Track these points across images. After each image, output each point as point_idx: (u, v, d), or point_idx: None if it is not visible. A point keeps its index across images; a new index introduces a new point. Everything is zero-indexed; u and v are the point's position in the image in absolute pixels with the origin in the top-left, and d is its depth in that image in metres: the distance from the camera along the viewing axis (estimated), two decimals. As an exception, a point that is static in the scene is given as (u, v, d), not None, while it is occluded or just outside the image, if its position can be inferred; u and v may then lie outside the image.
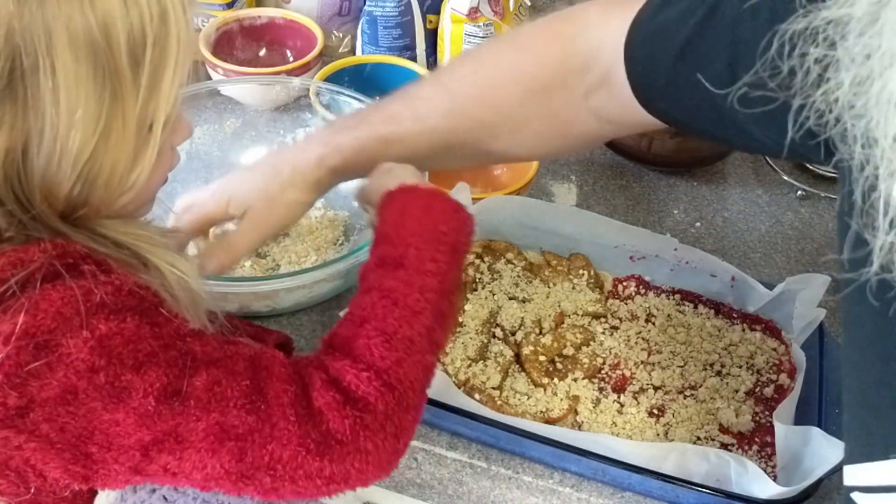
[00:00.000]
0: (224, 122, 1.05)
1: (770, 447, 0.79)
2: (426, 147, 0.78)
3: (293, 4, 1.25)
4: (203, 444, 0.53)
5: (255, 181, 0.78)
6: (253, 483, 0.55)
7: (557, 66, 0.73)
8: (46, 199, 0.54)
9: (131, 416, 0.52)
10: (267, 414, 0.54)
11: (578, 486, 0.79)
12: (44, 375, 0.50)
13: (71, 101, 0.51)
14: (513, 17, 1.12)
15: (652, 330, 0.89)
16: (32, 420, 0.51)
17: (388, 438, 0.57)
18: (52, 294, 0.51)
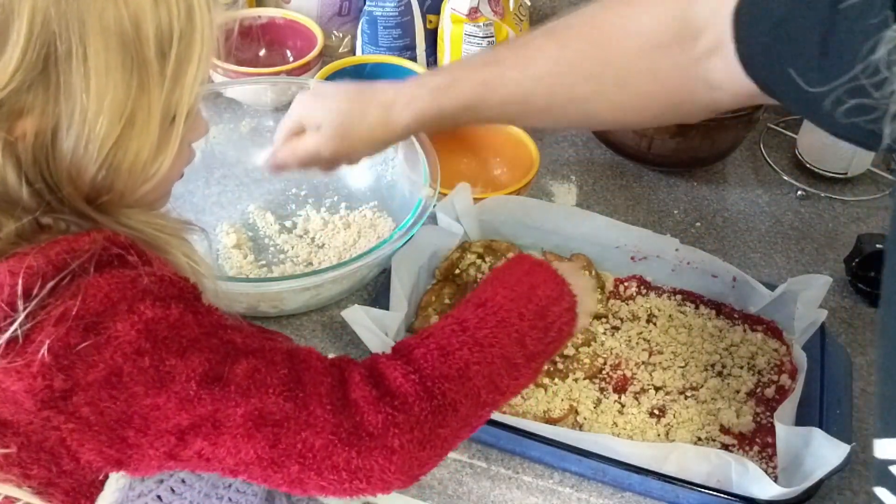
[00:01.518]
0: (226, 123, 1.05)
1: (771, 448, 0.79)
2: (527, 95, 0.76)
3: (293, 4, 1.25)
4: (240, 430, 0.54)
5: (342, 100, 0.81)
6: (281, 471, 0.56)
7: (673, 24, 0.70)
8: (73, 182, 0.55)
9: (172, 401, 0.53)
10: (304, 402, 0.56)
11: (578, 486, 0.79)
12: (91, 357, 0.51)
13: (100, 87, 0.53)
14: (513, 17, 1.11)
15: (653, 330, 0.89)
16: (74, 403, 0.52)
17: (413, 442, 0.57)
18: (101, 280, 0.52)
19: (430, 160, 0.92)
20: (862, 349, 0.92)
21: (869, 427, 0.85)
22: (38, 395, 0.51)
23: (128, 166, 0.56)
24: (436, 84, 0.78)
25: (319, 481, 0.57)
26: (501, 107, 0.77)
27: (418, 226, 0.85)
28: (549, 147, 1.17)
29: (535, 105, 0.77)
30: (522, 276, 0.68)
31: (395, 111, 0.79)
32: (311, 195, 1.04)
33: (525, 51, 0.77)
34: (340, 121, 0.80)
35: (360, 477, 0.57)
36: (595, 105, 0.76)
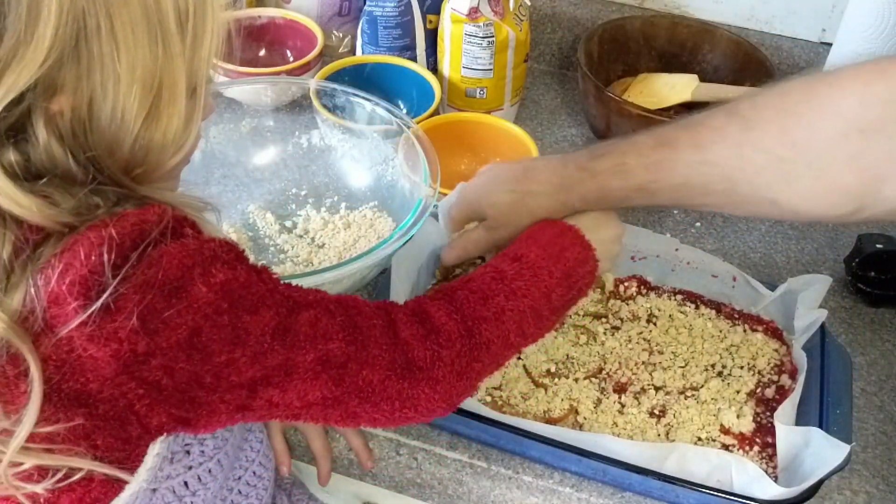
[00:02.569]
0: (226, 123, 1.05)
1: (771, 448, 0.79)
2: (704, 179, 0.71)
3: (293, 4, 1.25)
4: (308, 374, 0.59)
5: (504, 191, 0.80)
6: (341, 407, 0.62)
7: (881, 107, 0.64)
8: (112, 155, 0.57)
9: (248, 354, 0.56)
10: (363, 343, 0.61)
11: (578, 486, 0.79)
12: (174, 320, 0.54)
13: (130, 59, 0.55)
14: (513, 17, 1.11)
15: (653, 330, 0.89)
16: (151, 366, 0.54)
17: (454, 374, 0.65)
18: (173, 249, 0.55)
19: (430, 160, 0.92)
20: (862, 349, 0.92)
21: (869, 427, 0.85)
22: (121, 359, 0.53)
23: (160, 137, 0.59)
24: (603, 168, 0.76)
25: (374, 413, 0.63)
26: (674, 190, 0.73)
27: (418, 226, 0.85)
28: (550, 147, 1.17)
29: (714, 189, 0.72)
30: (554, 237, 0.75)
31: (562, 198, 0.78)
32: (311, 195, 1.04)
33: (701, 130, 0.72)
34: (505, 211, 0.80)
35: (409, 406, 0.64)
36: (783, 193, 0.69)
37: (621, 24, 1.21)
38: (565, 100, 1.26)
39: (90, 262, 0.53)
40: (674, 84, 1.15)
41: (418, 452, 0.81)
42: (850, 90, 0.65)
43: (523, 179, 0.80)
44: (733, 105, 0.72)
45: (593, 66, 1.15)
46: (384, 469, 0.81)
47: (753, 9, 1.23)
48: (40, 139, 0.55)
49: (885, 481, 0.80)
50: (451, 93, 1.16)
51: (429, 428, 0.82)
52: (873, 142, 0.64)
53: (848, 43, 1.03)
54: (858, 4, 1.02)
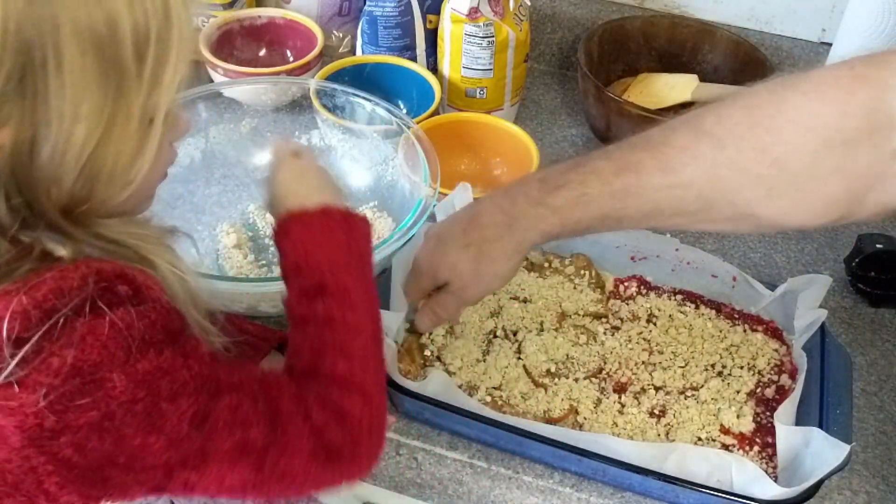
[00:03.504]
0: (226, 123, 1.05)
1: (771, 448, 0.79)
2: (675, 202, 0.68)
3: (293, 4, 1.25)
4: (225, 459, 0.57)
5: (457, 248, 0.76)
6: (262, 491, 0.60)
7: (864, 116, 0.61)
8: (50, 194, 0.54)
9: (162, 440, 0.55)
10: (283, 430, 0.59)
11: (579, 486, 0.79)
12: (86, 404, 0.52)
13: (77, 94, 0.52)
14: (513, 17, 1.11)
15: (653, 330, 0.89)
16: (60, 444, 0.52)
17: (373, 440, 0.63)
18: (97, 329, 0.52)
19: (430, 160, 0.92)
20: (862, 349, 0.92)
21: (869, 427, 0.85)
22: (26, 431, 0.51)
23: (107, 172, 0.55)
24: (562, 201, 0.71)
25: (299, 491, 0.62)
26: (643, 216, 0.70)
27: (418, 226, 0.85)
28: (549, 147, 1.17)
29: (687, 210, 0.69)
30: (324, 242, 0.66)
31: (518, 238, 0.74)
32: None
33: (667, 151, 0.68)
34: (466, 270, 0.76)
35: (337, 482, 0.63)
36: (762, 209, 0.66)
37: (621, 24, 1.21)
38: (565, 100, 1.26)
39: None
40: (674, 84, 1.15)
41: (418, 452, 0.81)
42: (829, 99, 0.63)
43: (471, 229, 0.76)
44: (695, 120, 0.68)
45: (593, 66, 1.15)
46: (384, 469, 0.81)
47: (753, 9, 1.23)
48: None
49: (885, 481, 0.80)
50: (451, 93, 1.16)
51: (429, 428, 0.82)
52: (858, 152, 0.62)
53: (848, 43, 1.03)
54: (858, 4, 1.02)
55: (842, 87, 0.63)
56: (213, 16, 1.21)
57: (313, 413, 0.61)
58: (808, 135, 0.63)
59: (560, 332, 0.88)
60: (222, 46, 1.19)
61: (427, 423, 0.82)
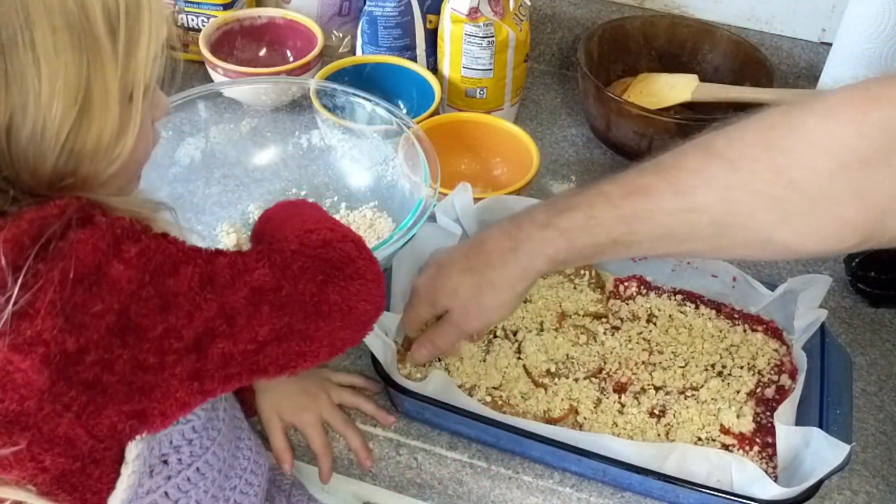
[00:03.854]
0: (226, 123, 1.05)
1: (771, 448, 0.79)
2: (687, 227, 0.67)
3: (293, 4, 1.25)
4: (248, 311, 0.57)
5: (459, 275, 0.74)
6: (295, 335, 0.60)
7: (881, 136, 0.60)
8: (33, 172, 0.54)
9: (182, 313, 0.55)
10: (283, 263, 0.60)
11: (579, 486, 0.79)
12: (98, 308, 0.52)
13: (51, 71, 0.52)
14: (513, 17, 1.11)
15: (653, 330, 0.89)
16: (88, 364, 0.52)
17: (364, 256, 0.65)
18: (83, 235, 0.53)
19: (430, 160, 0.92)
20: (862, 349, 0.92)
21: (869, 427, 0.85)
22: (52, 362, 0.51)
23: (90, 149, 0.56)
24: (570, 225, 0.70)
25: (329, 325, 0.61)
26: (655, 241, 0.69)
27: (418, 226, 0.85)
28: (549, 147, 1.17)
29: (700, 235, 0.67)
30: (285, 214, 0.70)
31: (524, 264, 0.72)
32: (311, 195, 1.04)
33: (678, 174, 0.67)
34: (468, 297, 0.74)
35: (355, 300, 0.63)
36: (778, 234, 0.65)
37: (621, 24, 1.21)
38: (565, 100, 1.26)
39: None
40: (674, 84, 1.15)
41: (418, 452, 0.81)
42: (844, 120, 0.61)
43: (475, 254, 0.74)
44: (706, 143, 0.67)
45: (593, 66, 1.15)
46: (384, 469, 0.81)
47: (753, 9, 1.23)
48: None
49: (885, 481, 0.80)
50: (451, 93, 1.16)
51: (429, 428, 0.82)
52: (875, 173, 0.61)
53: (848, 43, 1.03)
54: (858, 4, 1.02)
55: (857, 107, 0.61)
56: (212, 16, 1.21)
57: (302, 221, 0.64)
58: (823, 156, 0.62)
59: (560, 331, 0.88)
60: (222, 46, 1.19)
61: (427, 423, 0.82)
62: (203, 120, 1.02)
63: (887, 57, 1.01)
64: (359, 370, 0.87)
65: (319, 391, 0.82)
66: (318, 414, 0.81)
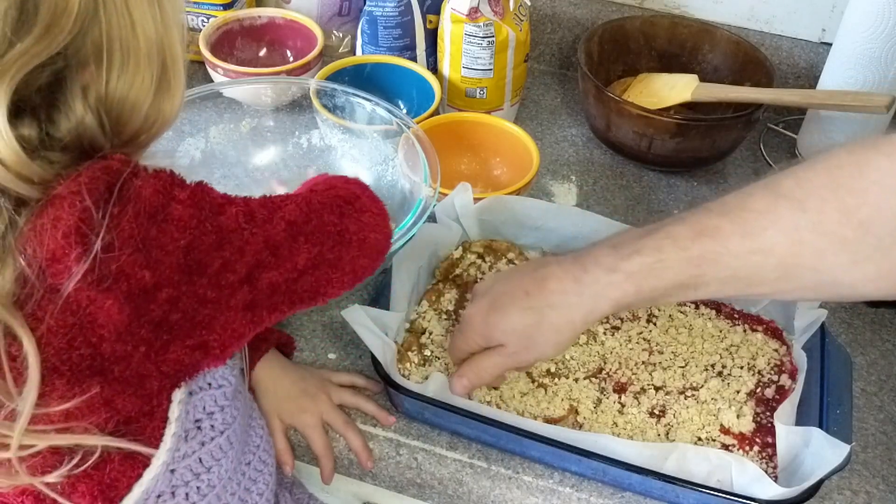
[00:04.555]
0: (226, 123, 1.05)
1: (771, 448, 0.79)
2: (753, 272, 0.66)
3: (293, 4, 1.25)
4: (288, 242, 0.63)
5: (518, 312, 0.73)
6: (325, 263, 0.66)
7: None
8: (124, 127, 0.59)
9: (235, 247, 0.59)
10: (307, 197, 0.66)
11: (579, 486, 0.79)
12: (166, 244, 0.56)
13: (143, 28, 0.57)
14: (513, 17, 1.11)
15: (653, 330, 0.89)
16: (159, 301, 0.56)
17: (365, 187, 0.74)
18: (143, 181, 0.56)
19: (430, 160, 0.91)
20: (862, 349, 0.92)
21: (869, 427, 0.85)
22: (132, 298, 0.54)
23: (169, 109, 0.61)
24: (638, 268, 0.69)
25: (355, 252, 0.68)
26: (720, 284, 0.68)
27: (418, 226, 0.85)
28: (549, 147, 1.17)
29: (765, 278, 0.67)
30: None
31: (589, 307, 0.71)
32: (311, 195, 1.04)
33: (746, 216, 0.66)
34: (526, 335, 0.73)
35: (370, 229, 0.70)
36: (846, 276, 0.64)
37: (621, 24, 1.21)
38: (565, 100, 1.26)
39: (76, 210, 0.53)
40: (674, 84, 1.15)
41: (418, 452, 0.81)
42: None
43: (537, 293, 0.72)
44: (772, 184, 0.67)
45: (593, 66, 1.15)
46: (384, 469, 0.81)
47: (753, 9, 1.23)
48: (76, 111, 0.55)
49: (885, 481, 0.81)
50: (451, 93, 1.16)
51: (429, 428, 0.82)
52: None
53: (848, 43, 1.03)
54: (858, 4, 1.02)
55: None
56: (212, 16, 1.21)
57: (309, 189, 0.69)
58: (893, 197, 0.61)
59: (560, 332, 0.88)
60: (222, 46, 1.19)
61: (427, 423, 0.82)
62: (203, 120, 1.02)
63: (887, 57, 1.01)
64: (359, 370, 0.87)
65: (319, 392, 0.82)
66: (319, 415, 0.81)
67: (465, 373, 0.77)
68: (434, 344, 0.86)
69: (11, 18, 0.51)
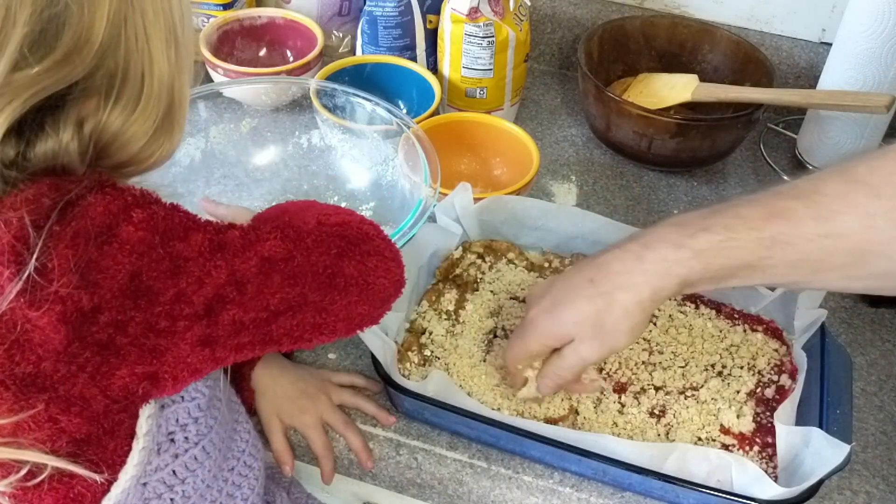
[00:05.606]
0: (226, 123, 1.05)
1: (771, 448, 0.79)
2: (823, 257, 0.66)
3: (293, 4, 1.25)
4: (259, 279, 0.58)
5: (584, 301, 0.71)
6: (309, 306, 0.61)
7: None
8: (109, 155, 0.58)
9: (192, 279, 0.56)
10: (297, 234, 0.61)
11: (579, 486, 0.79)
12: (109, 267, 0.53)
13: (159, 68, 0.57)
14: (513, 17, 1.11)
15: (653, 330, 0.89)
16: (101, 324, 0.53)
17: (381, 235, 0.68)
18: (96, 199, 0.54)
19: (430, 160, 0.92)
20: (862, 349, 0.92)
21: (869, 427, 0.85)
22: (69, 320, 0.52)
23: (166, 151, 0.60)
24: (706, 246, 0.68)
25: (346, 299, 0.62)
26: (789, 268, 0.67)
27: (418, 226, 0.85)
28: (549, 147, 1.17)
29: (834, 264, 0.66)
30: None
31: (655, 285, 0.70)
32: (311, 195, 1.04)
33: (819, 199, 0.65)
34: (597, 323, 0.71)
35: (374, 276, 0.64)
36: None
37: (621, 24, 1.21)
38: (565, 100, 1.26)
39: (12, 228, 0.51)
40: (674, 84, 1.15)
41: (418, 452, 0.81)
42: None
43: (601, 278, 0.72)
44: (845, 169, 0.66)
45: (593, 66, 1.15)
46: (384, 469, 0.81)
47: (753, 9, 1.23)
48: (62, 139, 0.54)
49: (885, 481, 0.81)
50: (451, 93, 1.16)
51: (429, 428, 0.82)
52: None
53: (848, 43, 1.03)
54: (858, 4, 1.02)
55: None
56: (212, 16, 1.21)
57: (320, 208, 0.65)
58: None
59: (560, 332, 0.88)
60: (222, 46, 1.19)
61: (427, 423, 0.82)
62: (203, 120, 1.02)
63: (887, 57, 1.01)
64: (359, 370, 0.87)
65: (319, 393, 0.82)
66: (319, 415, 0.81)
67: (547, 377, 0.76)
68: (434, 344, 0.86)
69: (31, 32, 0.50)
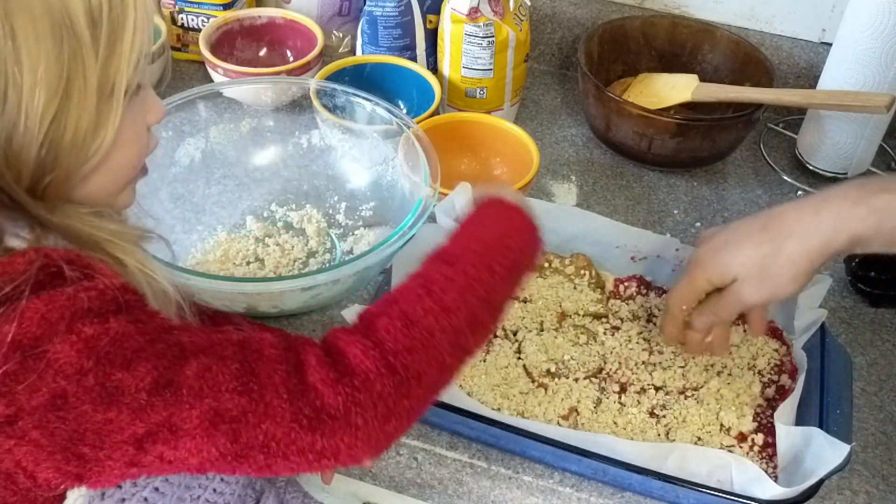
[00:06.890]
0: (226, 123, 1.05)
1: (771, 448, 0.79)
2: None
3: (293, 4, 1.25)
4: (198, 431, 0.54)
5: (753, 245, 0.73)
6: (247, 461, 0.56)
7: None
8: (13, 167, 0.54)
9: (125, 413, 0.52)
10: (259, 394, 0.55)
11: (579, 486, 0.79)
12: (33, 383, 0.51)
13: (32, 60, 0.52)
14: (513, 17, 1.11)
15: (653, 330, 0.89)
16: (21, 427, 0.52)
17: (378, 418, 0.57)
18: (37, 303, 0.51)
19: (430, 160, 0.92)
20: (862, 349, 0.92)
21: (869, 427, 0.85)
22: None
23: (69, 141, 0.55)
24: (885, 205, 0.68)
25: (287, 464, 0.56)
26: None
27: (418, 226, 0.85)
28: (549, 147, 1.17)
29: None
30: (494, 225, 0.67)
31: (826, 238, 0.70)
32: (311, 195, 1.04)
33: None
34: (762, 265, 0.72)
35: (328, 455, 0.56)
36: None
37: (621, 24, 1.21)
38: (565, 100, 1.26)
39: None
40: (674, 84, 1.15)
41: (418, 452, 0.81)
42: None
43: (772, 225, 0.73)
44: None
45: (593, 66, 1.15)
46: (384, 469, 0.81)
47: (753, 9, 1.23)
48: None
49: (885, 481, 0.80)
50: (451, 93, 1.16)
51: (429, 428, 0.82)
52: None
53: (848, 43, 1.03)
54: (858, 4, 1.02)
55: None
56: (212, 16, 1.21)
57: (308, 370, 0.56)
58: None
59: (560, 332, 0.88)
60: (222, 46, 1.19)
61: (427, 423, 0.82)
62: (203, 120, 1.02)
63: (887, 57, 1.01)
64: (359, 370, 0.87)
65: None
66: None
67: (705, 313, 0.77)
68: (434, 344, 0.86)
69: None
